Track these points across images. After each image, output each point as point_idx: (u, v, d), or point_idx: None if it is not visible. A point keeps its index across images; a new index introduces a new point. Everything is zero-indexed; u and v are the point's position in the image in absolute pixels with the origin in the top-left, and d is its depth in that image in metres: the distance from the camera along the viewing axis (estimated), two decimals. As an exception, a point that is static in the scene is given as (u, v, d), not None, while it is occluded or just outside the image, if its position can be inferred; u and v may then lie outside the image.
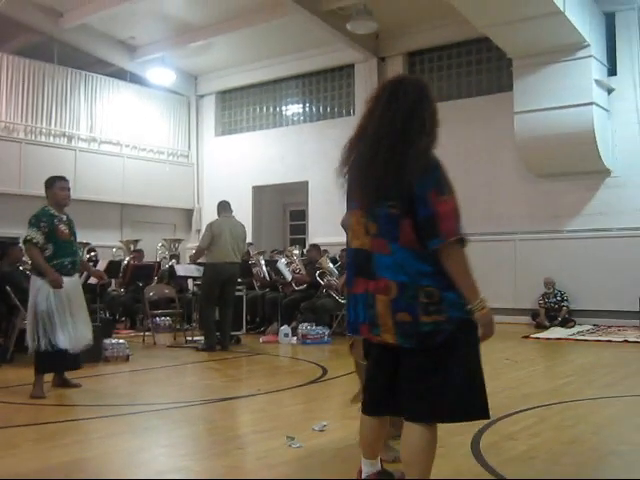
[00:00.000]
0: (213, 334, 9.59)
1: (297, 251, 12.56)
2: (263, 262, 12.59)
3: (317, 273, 11.32)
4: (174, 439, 4.85)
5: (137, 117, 17.31)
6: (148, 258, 14.34)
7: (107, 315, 11.87)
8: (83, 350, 6.41)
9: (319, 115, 16.95)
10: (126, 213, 16.80)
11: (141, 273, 12.72)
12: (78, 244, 6.89)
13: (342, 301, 10.29)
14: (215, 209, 10.07)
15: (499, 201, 13.81)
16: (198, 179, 18.62)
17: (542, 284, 12.78)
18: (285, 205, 18.51)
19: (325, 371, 7.60)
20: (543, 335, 11.23)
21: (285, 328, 10.61)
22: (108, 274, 11.46)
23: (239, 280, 10.44)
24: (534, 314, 12.80)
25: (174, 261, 13.93)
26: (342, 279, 8.61)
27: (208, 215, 15.01)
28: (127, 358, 8.48)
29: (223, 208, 9.94)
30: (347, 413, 4.92)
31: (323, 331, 10.39)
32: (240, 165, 17.56)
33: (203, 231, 10.42)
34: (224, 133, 18.65)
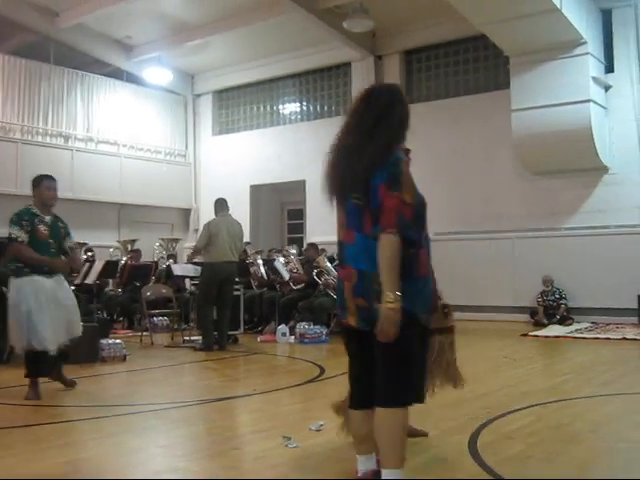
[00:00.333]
0: (211, 334, 9.56)
1: (294, 250, 12.54)
2: (261, 261, 12.56)
3: (315, 272, 11.30)
4: (171, 439, 4.83)
5: (134, 117, 17.28)
6: (145, 258, 14.33)
7: (104, 315, 11.85)
8: (65, 348, 6.30)
9: (316, 114, 16.93)
10: (123, 213, 16.77)
11: (138, 273, 12.72)
12: (76, 244, 6.80)
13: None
14: (212, 209, 10.05)
15: (496, 199, 13.79)
16: (195, 178, 18.61)
17: (540, 282, 12.76)
18: (283, 204, 18.50)
19: (323, 370, 7.59)
20: (541, 333, 11.22)
21: (283, 327, 10.59)
22: (105, 274, 11.48)
23: (237, 279, 10.42)
24: (532, 312, 12.79)
25: (171, 261, 13.91)
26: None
27: (205, 214, 14.97)
28: (124, 358, 8.45)
29: (220, 206, 9.92)
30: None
31: (321, 330, 10.37)
32: (237, 164, 17.54)
33: (200, 230, 10.39)
34: (221, 132, 18.63)
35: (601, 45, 12.83)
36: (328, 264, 11.17)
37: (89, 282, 10.67)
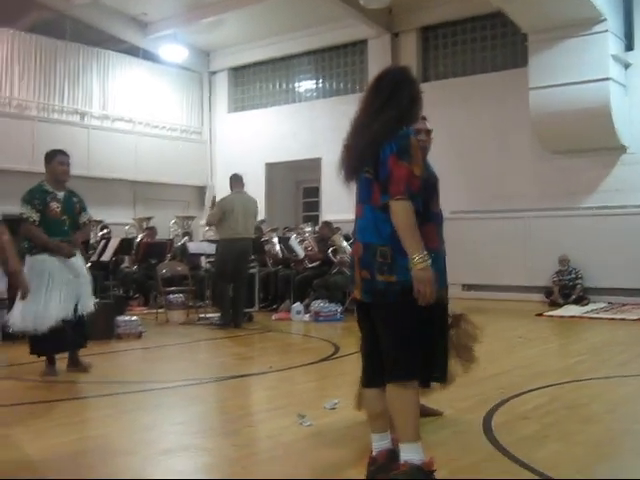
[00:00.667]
0: (228, 311, 9.56)
1: (309, 228, 12.52)
2: (276, 239, 12.56)
3: (330, 250, 11.29)
4: (186, 416, 4.85)
5: (150, 94, 17.24)
6: (161, 235, 14.36)
7: (120, 292, 11.89)
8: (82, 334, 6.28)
9: (332, 91, 16.83)
10: (139, 190, 16.78)
11: (154, 250, 12.76)
12: (92, 220, 6.74)
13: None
14: (228, 186, 10.01)
15: (513, 178, 13.67)
16: (211, 156, 18.58)
17: (556, 262, 12.69)
18: (298, 182, 18.45)
19: (337, 349, 7.59)
20: (557, 313, 11.16)
21: (298, 305, 10.60)
22: (121, 251, 11.52)
23: (252, 257, 10.41)
24: (548, 292, 12.72)
25: (187, 238, 13.95)
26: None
27: (221, 192, 14.90)
28: (140, 335, 8.49)
29: (235, 182, 9.86)
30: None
31: (335, 308, 10.36)
32: (253, 142, 17.49)
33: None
34: (237, 110, 18.57)
35: (621, 22, 12.62)
36: (343, 242, 11.15)
37: (105, 259, 10.71)
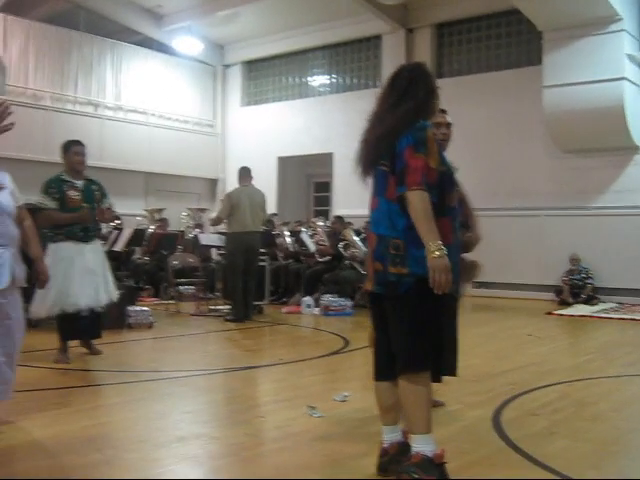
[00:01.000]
0: (240, 304, 9.53)
1: (321, 222, 12.54)
2: (287, 233, 12.59)
3: (341, 245, 11.31)
4: (196, 406, 4.89)
5: (163, 86, 17.30)
6: (172, 227, 14.42)
7: (131, 283, 11.93)
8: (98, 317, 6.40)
9: (345, 86, 16.83)
10: (151, 182, 16.86)
11: (165, 242, 12.81)
12: (112, 206, 6.82)
13: (364, 273, 10.27)
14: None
15: (525, 176, 13.66)
16: (223, 149, 18.62)
17: (567, 261, 12.68)
18: (309, 176, 18.48)
19: (347, 342, 7.61)
20: (566, 312, 11.15)
21: (308, 299, 10.63)
22: (133, 242, 11.56)
23: (262, 250, 10.43)
24: (558, 290, 12.71)
25: (198, 230, 13.98)
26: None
27: (232, 185, 14.96)
28: (150, 325, 8.55)
29: (243, 175, 9.89)
30: (369, 384, 4.90)
31: (345, 303, 10.40)
32: (265, 136, 17.52)
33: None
34: (250, 103, 18.60)
35: (637, 22, 12.58)
36: (354, 237, 11.17)
37: (117, 249, 10.75)
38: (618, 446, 4.06)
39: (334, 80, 17.11)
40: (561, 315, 10.86)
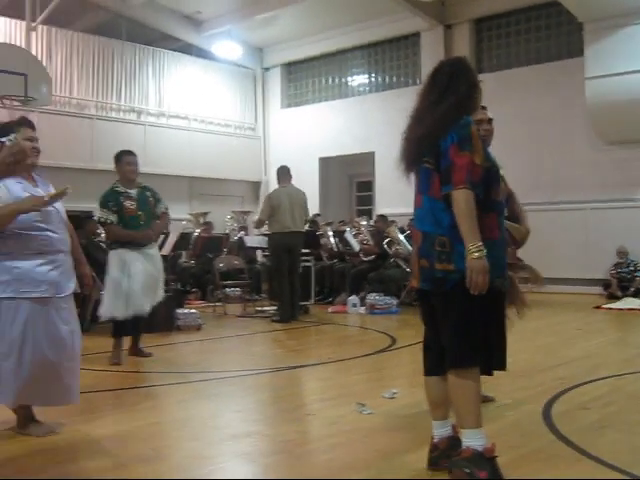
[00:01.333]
0: (287, 305, 9.57)
1: (365, 222, 12.56)
2: (331, 233, 12.63)
3: (385, 242, 11.31)
4: (244, 405, 4.95)
5: (204, 91, 17.46)
6: (217, 230, 14.56)
7: (178, 286, 12.09)
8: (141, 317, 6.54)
9: (384, 85, 16.82)
10: (194, 186, 17.02)
11: (211, 245, 12.95)
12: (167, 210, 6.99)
13: (409, 270, 10.27)
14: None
15: (569, 169, 13.49)
16: (265, 151, 18.73)
17: (614, 254, 12.51)
18: (351, 176, 18.50)
19: (394, 340, 7.62)
20: (615, 306, 11.00)
21: (354, 298, 10.66)
22: (179, 246, 11.72)
23: (307, 251, 10.47)
24: (606, 284, 12.55)
25: (243, 232, 14.10)
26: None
27: (275, 187, 15.12)
28: (199, 327, 8.68)
29: (282, 175, 9.97)
30: (417, 381, 4.92)
31: (391, 301, 10.40)
32: (306, 137, 17.58)
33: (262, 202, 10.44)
34: (290, 105, 18.68)
35: (681, 9, 12.38)
36: (399, 235, 11.16)
37: (164, 253, 10.89)
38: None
39: (373, 79, 17.10)
40: (610, 309, 10.72)
